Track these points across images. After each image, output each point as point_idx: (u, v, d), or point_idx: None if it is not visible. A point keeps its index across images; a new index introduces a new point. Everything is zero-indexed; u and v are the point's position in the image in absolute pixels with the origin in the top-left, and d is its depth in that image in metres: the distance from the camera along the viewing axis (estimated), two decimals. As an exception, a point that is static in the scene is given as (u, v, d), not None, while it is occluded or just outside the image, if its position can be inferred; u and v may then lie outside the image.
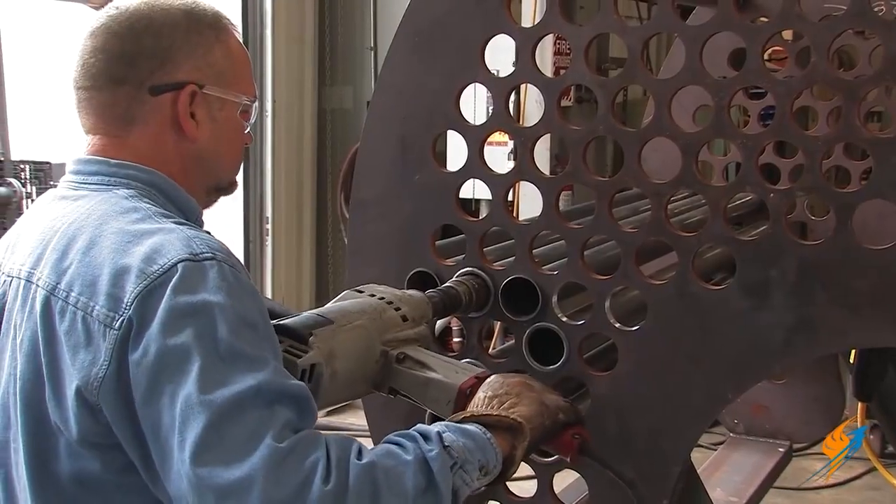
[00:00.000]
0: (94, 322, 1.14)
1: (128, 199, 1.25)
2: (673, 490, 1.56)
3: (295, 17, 5.48)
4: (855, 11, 1.35)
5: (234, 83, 1.34)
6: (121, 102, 1.28)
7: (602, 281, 1.57)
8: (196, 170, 1.33)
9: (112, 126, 1.29)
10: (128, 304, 1.13)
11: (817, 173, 1.41)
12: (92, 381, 1.13)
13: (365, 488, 1.10)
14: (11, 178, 4.38)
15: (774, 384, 3.35)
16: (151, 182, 1.28)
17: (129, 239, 1.18)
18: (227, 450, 1.06)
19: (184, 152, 1.31)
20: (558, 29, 1.57)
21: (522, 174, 1.62)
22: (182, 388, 1.08)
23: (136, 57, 1.27)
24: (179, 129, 1.29)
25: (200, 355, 1.09)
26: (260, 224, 5.46)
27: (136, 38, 1.27)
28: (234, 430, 1.07)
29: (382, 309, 1.45)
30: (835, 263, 1.41)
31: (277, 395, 1.11)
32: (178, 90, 1.28)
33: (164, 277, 1.13)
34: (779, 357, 1.48)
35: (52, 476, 1.19)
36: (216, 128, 1.32)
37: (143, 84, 1.27)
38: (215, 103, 1.31)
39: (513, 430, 1.31)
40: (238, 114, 1.34)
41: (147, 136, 1.29)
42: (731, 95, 1.44)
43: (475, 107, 3.77)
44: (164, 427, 1.09)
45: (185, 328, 1.10)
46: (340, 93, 5.75)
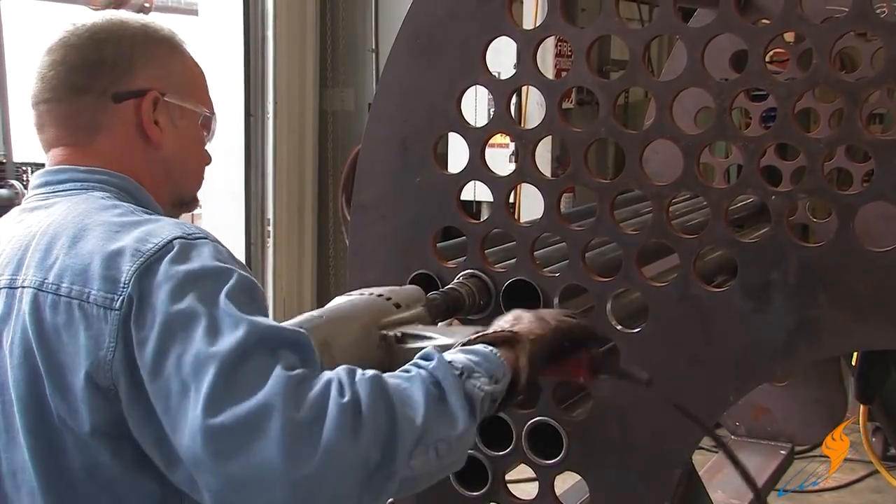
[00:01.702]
0: (92, 307, 1.14)
1: (105, 199, 1.26)
2: (674, 492, 1.56)
3: (296, 19, 5.48)
4: (857, 13, 1.35)
5: (194, 94, 1.37)
6: (85, 111, 1.29)
7: (603, 283, 1.56)
8: (163, 180, 1.35)
9: (76, 136, 1.30)
10: (125, 283, 1.13)
11: (819, 175, 1.41)
12: (102, 365, 1.12)
13: (379, 398, 1.10)
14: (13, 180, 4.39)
15: (776, 386, 3.35)
16: (123, 187, 1.29)
17: (117, 229, 1.18)
18: (239, 390, 1.06)
19: (151, 160, 1.33)
20: (560, 31, 1.57)
21: (524, 176, 1.62)
22: (190, 349, 1.08)
23: (98, 66, 1.29)
24: (145, 136, 1.31)
25: (205, 316, 1.10)
26: (261, 226, 5.46)
27: (96, 47, 1.29)
28: (244, 373, 1.07)
29: (372, 301, 1.45)
30: (836, 266, 1.40)
31: (280, 342, 1.12)
32: (140, 97, 1.30)
33: (160, 253, 1.14)
34: (780, 359, 1.47)
35: (64, 472, 1.18)
36: (178, 135, 1.34)
37: (105, 92, 1.29)
38: (176, 111, 1.34)
39: (510, 341, 1.30)
40: (199, 125, 1.37)
41: (113, 144, 1.30)
42: (732, 97, 1.44)
43: (476, 109, 3.77)
44: (174, 394, 1.08)
45: (188, 294, 1.11)
46: (342, 94, 5.75)
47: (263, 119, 5.37)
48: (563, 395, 1.67)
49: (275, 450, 1.03)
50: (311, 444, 1.05)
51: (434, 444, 1.14)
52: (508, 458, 1.67)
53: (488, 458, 1.68)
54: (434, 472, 1.17)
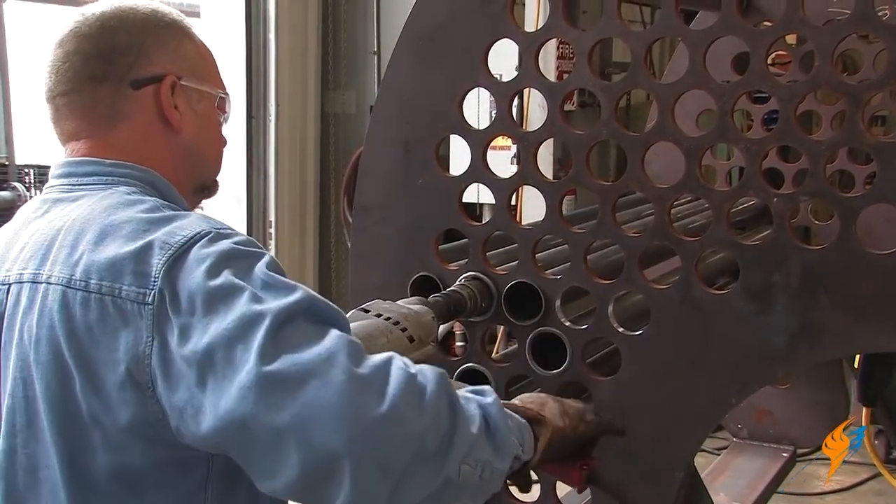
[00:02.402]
0: (126, 303, 1.13)
1: (130, 194, 1.25)
2: (676, 495, 1.56)
3: (298, 21, 5.48)
4: (859, 15, 1.35)
5: (208, 77, 1.37)
6: (104, 100, 1.28)
7: (605, 285, 1.56)
8: (184, 166, 1.34)
9: (96, 127, 1.29)
10: (156, 276, 1.13)
11: (821, 177, 1.41)
12: (142, 360, 1.12)
13: (444, 392, 1.11)
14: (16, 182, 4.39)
15: (778, 389, 3.35)
16: (148, 181, 1.29)
17: (144, 227, 1.18)
18: (297, 341, 1.06)
19: (172, 146, 1.32)
20: (561, 33, 1.57)
21: (525, 178, 1.62)
22: (234, 312, 1.08)
23: (112, 53, 1.28)
24: (165, 122, 1.31)
25: (244, 286, 1.10)
26: (263, 227, 5.46)
27: (109, 36, 1.28)
28: (299, 331, 1.08)
29: (389, 331, 1.42)
30: (839, 268, 1.40)
31: (325, 315, 1.12)
32: (158, 82, 1.29)
33: (188, 244, 1.14)
34: (782, 362, 1.47)
35: (88, 472, 1.18)
36: (198, 120, 1.34)
37: (123, 79, 1.28)
38: (193, 95, 1.33)
39: (536, 422, 1.31)
40: (216, 107, 1.37)
41: (134, 132, 1.30)
42: (734, 99, 1.44)
43: (478, 111, 3.77)
44: (220, 358, 1.07)
45: (223, 271, 1.12)
46: (344, 97, 5.75)
47: (265, 121, 5.38)
48: (565, 397, 1.66)
49: (337, 396, 1.03)
50: (376, 397, 1.05)
51: (482, 463, 1.15)
52: (510, 460, 1.67)
53: (490, 461, 1.68)
54: (472, 492, 1.16)
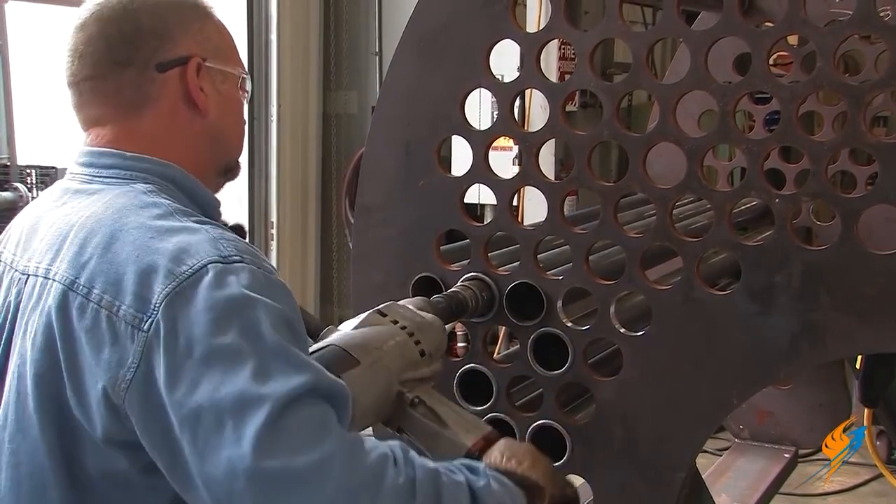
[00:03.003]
0: (121, 322, 1.11)
1: (147, 193, 1.23)
2: (678, 496, 1.56)
3: (300, 22, 5.49)
4: (860, 16, 1.35)
5: (231, 57, 1.36)
6: (130, 85, 1.27)
7: (607, 286, 1.56)
8: (208, 148, 1.33)
9: (122, 112, 1.28)
10: (156, 306, 1.10)
11: (823, 178, 1.40)
12: (119, 383, 1.10)
13: (431, 491, 1.10)
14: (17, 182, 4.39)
15: (780, 390, 3.35)
16: (169, 176, 1.28)
17: (151, 235, 1.15)
18: (295, 439, 1.04)
19: (198, 129, 1.31)
20: (563, 34, 1.57)
21: (527, 179, 1.62)
22: (232, 383, 1.05)
23: (137, 36, 1.27)
24: (192, 104, 1.30)
25: (251, 353, 1.07)
26: (265, 228, 5.47)
27: (132, 18, 1.27)
28: (298, 422, 1.05)
29: (404, 343, 1.40)
30: (840, 268, 1.40)
31: (327, 393, 1.10)
32: (184, 64, 1.28)
33: (193, 278, 1.11)
34: (784, 362, 1.47)
35: (80, 471, 1.17)
36: (223, 101, 1.34)
37: (148, 63, 1.27)
38: (217, 76, 1.33)
39: (532, 490, 1.30)
40: (238, 87, 1.36)
41: (160, 117, 1.29)
42: (736, 100, 1.44)
43: (480, 112, 3.77)
44: (206, 426, 1.05)
45: (231, 326, 1.08)
46: (345, 97, 5.75)
47: (267, 122, 5.38)
48: (567, 398, 1.66)
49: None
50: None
51: None
52: (512, 461, 1.67)
53: (492, 461, 1.68)
54: None
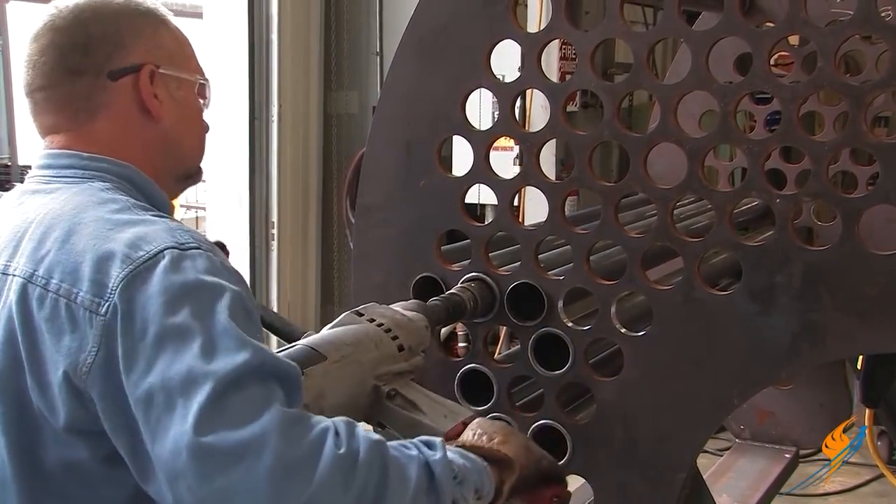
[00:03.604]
0: (79, 308, 1.13)
1: (104, 191, 1.25)
2: (679, 496, 1.56)
3: (301, 22, 5.49)
4: (861, 16, 1.35)
5: (186, 63, 1.36)
6: (82, 93, 1.28)
7: (608, 286, 1.56)
8: (163, 155, 1.34)
9: (75, 120, 1.30)
10: (113, 289, 1.12)
11: (823, 178, 1.41)
12: (80, 367, 1.12)
13: (375, 462, 1.10)
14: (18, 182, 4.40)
15: (780, 390, 3.35)
16: (126, 175, 1.29)
17: (109, 226, 1.17)
18: (235, 415, 1.05)
19: (150, 137, 1.32)
20: (564, 34, 1.57)
21: (528, 179, 1.62)
22: (180, 363, 1.07)
23: (89, 45, 1.28)
24: (145, 112, 1.30)
25: (200, 331, 1.09)
26: (265, 228, 5.47)
27: (83, 27, 1.28)
28: (240, 399, 1.06)
29: (379, 339, 1.41)
30: (841, 269, 1.40)
31: (274, 372, 1.11)
32: (136, 72, 1.29)
33: (150, 262, 1.13)
34: (785, 363, 1.47)
35: (39, 464, 1.18)
36: (178, 108, 1.34)
37: (101, 71, 1.28)
38: (172, 83, 1.33)
39: (501, 464, 1.31)
40: (195, 94, 1.37)
41: (114, 124, 1.30)
42: (736, 100, 1.44)
43: (481, 112, 3.77)
44: (158, 405, 1.07)
45: (183, 307, 1.10)
46: (346, 97, 5.76)
47: (268, 122, 5.39)
48: (568, 398, 1.66)
49: (262, 482, 1.03)
50: (300, 484, 1.05)
51: None
52: (512, 461, 1.67)
53: (492, 462, 1.68)
54: None
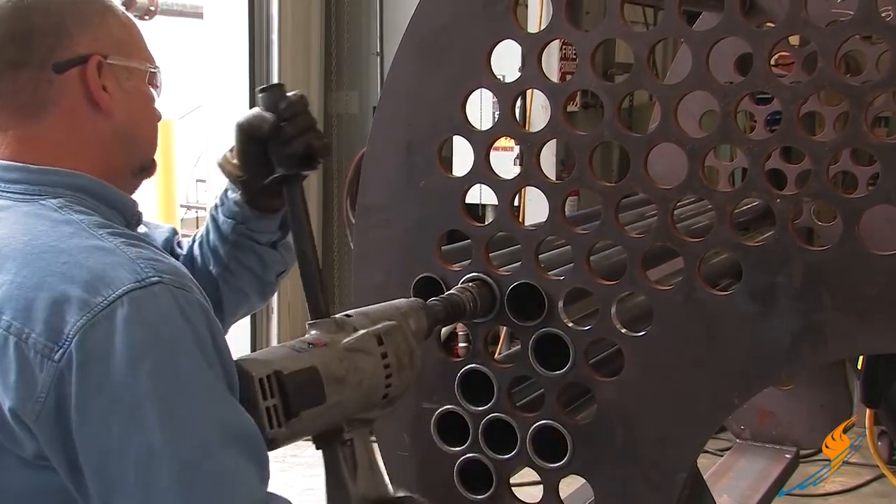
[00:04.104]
0: (30, 350, 1.08)
1: (58, 210, 1.19)
2: (679, 496, 1.56)
3: (301, 22, 5.49)
4: (862, 17, 1.35)
5: (135, 52, 1.31)
6: (26, 87, 1.22)
7: (608, 286, 1.56)
8: (117, 150, 1.29)
9: (21, 117, 1.24)
10: (69, 337, 1.06)
11: (824, 179, 1.40)
12: (29, 410, 1.08)
13: None
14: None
15: (781, 390, 3.35)
16: (79, 186, 1.23)
17: (64, 259, 1.11)
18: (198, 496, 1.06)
19: (104, 131, 1.27)
20: (564, 34, 1.57)
21: (528, 179, 1.62)
22: (140, 433, 1.05)
23: (30, 36, 1.22)
24: (94, 105, 1.25)
25: (158, 397, 1.06)
26: (266, 229, 5.46)
27: (23, 18, 1.21)
28: (202, 477, 1.06)
29: (377, 385, 1.37)
30: (842, 269, 1.40)
31: (237, 438, 1.10)
32: (83, 63, 1.24)
33: (108, 310, 1.07)
34: (785, 363, 1.47)
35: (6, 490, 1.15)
36: (129, 99, 1.29)
37: (44, 63, 1.22)
38: (122, 73, 1.28)
39: None
40: (146, 82, 1.32)
41: (61, 121, 1.24)
42: (737, 101, 1.44)
43: (481, 112, 3.77)
44: (114, 474, 1.06)
45: (141, 366, 1.06)
46: (346, 97, 5.75)
47: (268, 122, 5.37)
48: (568, 398, 1.66)
49: None
50: None
51: None
52: (513, 461, 1.67)
53: (493, 462, 1.68)
54: None
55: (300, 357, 1.27)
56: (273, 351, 1.29)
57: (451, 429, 1.71)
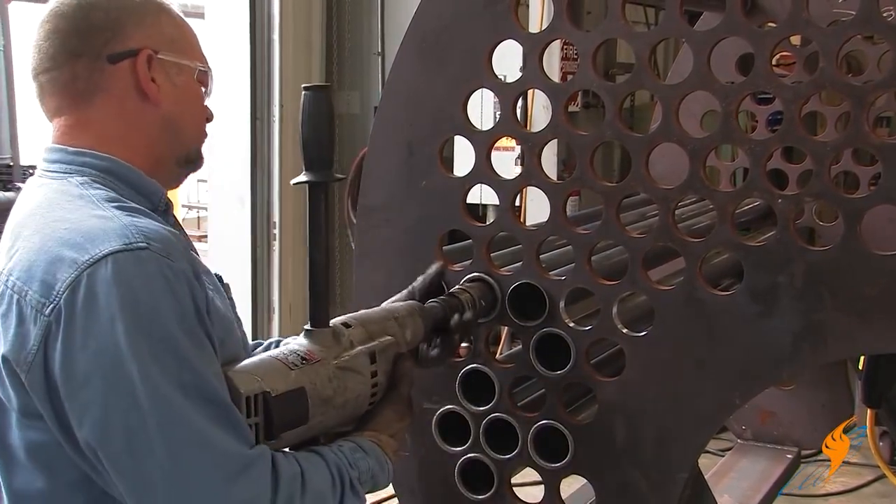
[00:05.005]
0: (28, 306, 1.17)
1: (79, 186, 1.28)
2: (680, 496, 1.56)
3: (302, 22, 5.49)
4: (863, 16, 1.35)
5: (187, 51, 1.39)
6: (81, 75, 1.32)
7: (609, 286, 1.56)
8: (162, 138, 1.37)
9: (74, 103, 1.33)
10: (59, 293, 1.15)
11: (825, 179, 1.40)
12: (21, 362, 1.17)
13: None
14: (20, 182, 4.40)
15: (782, 390, 3.35)
16: (106, 169, 1.32)
17: (66, 226, 1.20)
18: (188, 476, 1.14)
19: (149, 120, 1.35)
20: (566, 34, 1.57)
21: (530, 179, 1.62)
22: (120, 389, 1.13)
23: (89, 30, 1.32)
24: (142, 95, 1.34)
25: (134, 356, 1.13)
26: (267, 228, 5.46)
27: (84, 14, 1.32)
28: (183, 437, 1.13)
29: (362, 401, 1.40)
30: (843, 269, 1.40)
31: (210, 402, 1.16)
32: (134, 56, 1.33)
33: (94, 268, 1.15)
34: (787, 363, 1.47)
35: (10, 447, 1.24)
36: (177, 92, 1.37)
37: (100, 54, 1.32)
38: (172, 68, 1.36)
39: None
40: (196, 80, 1.40)
41: (110, 107, 1.33)
42: (738, 101, 1.44)
43: (482, 112, 3.77)
44: (98, 422, 1.13)
45: (117, 325, 1.13)
46: (348, 98, 5.75)
47: (269, 122, 5.38)
48: (569, 398, 1.66)
49: None
50: None
51: None
52: (514, 461, 1.67)
53: (494, 462, 1.68)
54: None
55: (291, 375, 1.28)
56: (267, 363, 1.30)
57: (452, 429, 1.71)
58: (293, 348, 1.34)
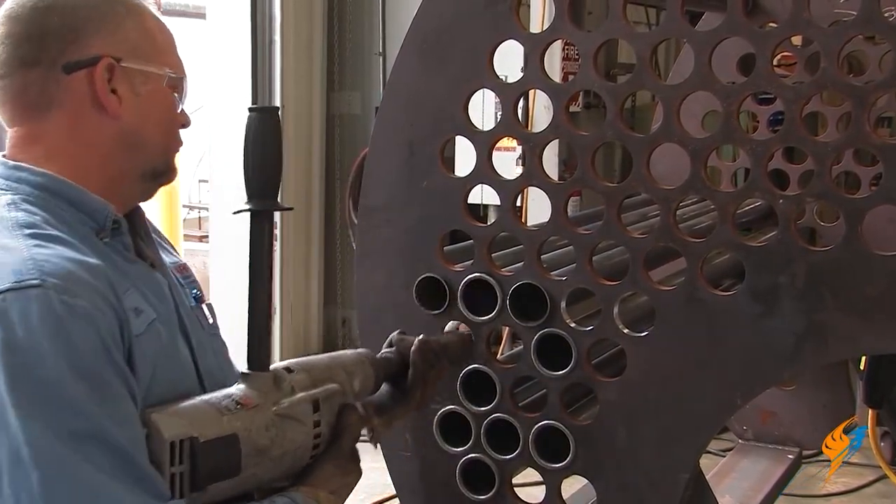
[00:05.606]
0: None
1: (5, 206, 1.19)
2: (681, 497, 1.56)
3: (303, 22, 5.49)
4: (864, 17, 1.34)
5: (155, 56, 1.28)
6: (34, 86, 1.22)
7: (610, 286, 1.56)
8: (122, 153, 1.27)
9: (25, 114, 1.24)
10: None
11: (827, 179, 1.40)
12: None
13: None
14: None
15: (783, 390, 3.35)
16: (41, 185, 1.22)
17: None
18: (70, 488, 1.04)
19: (106, 134, 1.25)
20: (567, 34, 1.57)
21: (531, 179, 1.62)
22: (4, 435, 1.04)
23: (44, 37, 1.21)
24: (100, 108, 1.24)
25: (15, 403, 1.04)
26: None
27: (41, 18, 1.22)
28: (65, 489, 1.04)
29: (303, 455, 1.29)
30: (844, 269, 1.40)
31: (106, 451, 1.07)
32: (92, 66, 1.22)
33: None
34: (788, 363, 1.47)
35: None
36: (141, 103, 1.27)
37: (55, 63, 1.22)
38: (137, 77, 1.26)
39: None
40: (165, 88, 1.29)
41: (63, 120, 1.24)
42: (739, 101, 1.44)
43: (483, 112, 3.77)
44: None
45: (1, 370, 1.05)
46: (349, 98, 5.76)
47: (271, 122, 5.38)
48: (570, 398, 1.66)
49: None
50: None
51: None
52: (515, 462, 1.67)
53: (495, 462, 1.68)
54: None
55: (223, 421, 1.18)
56: (196, 407, 1.19)
57: (453, 429, 1.71)
58: (228, 391, 1.22)
